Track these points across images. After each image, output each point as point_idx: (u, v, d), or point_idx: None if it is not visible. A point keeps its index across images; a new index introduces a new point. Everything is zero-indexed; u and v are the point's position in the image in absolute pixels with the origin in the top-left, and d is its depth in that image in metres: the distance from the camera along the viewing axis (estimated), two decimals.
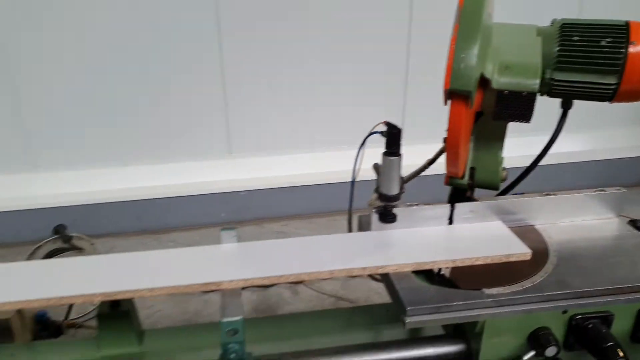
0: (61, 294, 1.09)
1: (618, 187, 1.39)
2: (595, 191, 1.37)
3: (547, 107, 1.38)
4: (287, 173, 3.48)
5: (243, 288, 1.13)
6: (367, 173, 1.33)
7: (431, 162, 1.47)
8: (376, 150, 1.26)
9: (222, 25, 3.08)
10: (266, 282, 1.14)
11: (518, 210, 1.34)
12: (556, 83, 1.22)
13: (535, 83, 1.11)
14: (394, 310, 1.42)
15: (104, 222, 3.20)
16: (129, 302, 1.48)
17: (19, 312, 1.64)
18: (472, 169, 1.36)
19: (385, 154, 1.19)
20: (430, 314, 1.06)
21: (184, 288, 1.11)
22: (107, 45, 3.00)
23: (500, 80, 1.12)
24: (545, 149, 1.38)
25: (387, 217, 1.25)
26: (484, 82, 1.12)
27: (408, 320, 1.05)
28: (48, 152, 3.24)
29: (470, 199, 1.37)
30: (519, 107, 1.14)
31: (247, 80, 3.25)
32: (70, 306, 2.10)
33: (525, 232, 1.31)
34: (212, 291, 2.74)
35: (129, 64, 3.05)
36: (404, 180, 1.28)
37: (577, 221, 1.38)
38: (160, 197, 3.33)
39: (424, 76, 3.09)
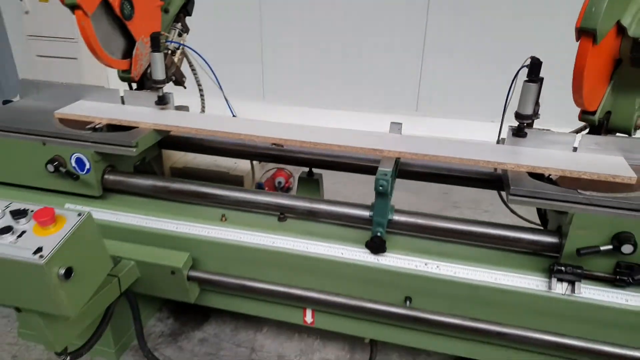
0: (284, 137, 1.74)
1: None
2: None
3: None
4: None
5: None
6: None
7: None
8: None
9: None
10: (413, 157, 1.62)
11: None
12: None
13: None
14: None
15: None
16: (320, 175, 2.12)
17: (252, 172, 2.42)
18: (608, 113, 1.60)
19: (526, 80, 1.53)
20: (529, 197, 1.41)
21: (359, 149, 1.66)
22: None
23: (634, 29, 1.37)
24: None
25: (519, 132, 1.61)
26: (621, 30, 1.39)
27: (510, 197, 1.42)
28: (275, 90, 4.20)
29: None
30: None
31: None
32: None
33: None
34: None
35: (349, 38, 3.77)
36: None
37: None
38: None
39: None
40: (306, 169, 2.09)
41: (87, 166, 1.81)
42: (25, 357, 2.25)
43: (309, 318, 1.85)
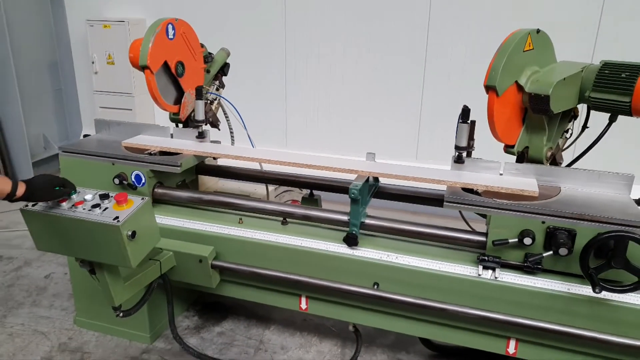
0: (286, 160, 2.34)
1: (631, 173, 1.98)
2: (609, 172, 2.01)
3: None
4: None
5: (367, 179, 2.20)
6: None
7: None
8: None
9: None
10: (381, 176, 2.19)
11: (549, 174, 2.07)
12: (592, 99, 1.97)
13: (548, 90, 1.90)
14: None
15: None
16: (319, 196, 2.70)
17: (267, 196, 3.03)
18: (527, 147, 2.15)
19: (460, 122, 2.11)
20: (459, 203, 1.95)
21: (340, 170, 2.25)
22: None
23: (529, 86, 1.96)
24: (590, 146, 2.09)
25: (458, 160, 2.17)
26: (520, 87, 1.98)
27: (445, 204, 1.97)
28: (293, 138, 4.88)
29: None
30: (540, 104, 1.94)
31: None
32: None
33: (549, 188, 2.04)
34: None
35: (359, 95, 4.46)
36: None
37: (593, 191, 2.02)
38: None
39: None
40: (308, 191, 2.67)
41: (143, 180, 2.45)
42: (79, 339, 2.83)
43: (303, 305, 2.36)
